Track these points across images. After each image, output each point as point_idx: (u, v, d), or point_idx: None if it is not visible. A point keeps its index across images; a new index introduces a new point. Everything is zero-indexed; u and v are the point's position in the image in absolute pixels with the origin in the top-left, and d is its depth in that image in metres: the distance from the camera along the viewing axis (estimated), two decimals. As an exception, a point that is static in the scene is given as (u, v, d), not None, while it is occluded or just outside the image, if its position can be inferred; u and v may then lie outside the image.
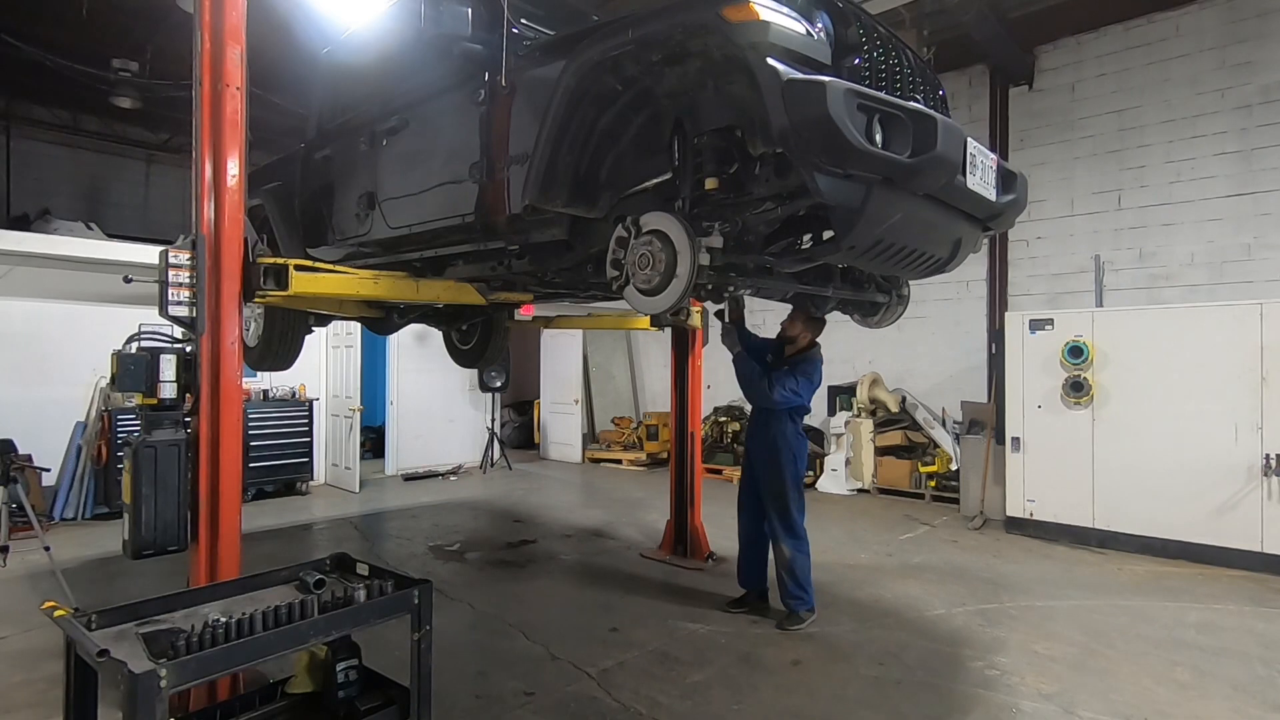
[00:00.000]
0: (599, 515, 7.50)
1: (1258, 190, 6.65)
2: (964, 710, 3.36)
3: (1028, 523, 6.50)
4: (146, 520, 2.91)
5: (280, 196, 4.43)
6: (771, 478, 4.42)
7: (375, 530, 7.00)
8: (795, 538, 4.38)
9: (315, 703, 2.54)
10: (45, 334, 7.36)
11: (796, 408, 4.43)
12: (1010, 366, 6.63)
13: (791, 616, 4.37)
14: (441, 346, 6.41)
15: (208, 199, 3.07)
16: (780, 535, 4.39)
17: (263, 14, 4.12)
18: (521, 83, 3.00)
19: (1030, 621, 4.45)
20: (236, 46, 3.08)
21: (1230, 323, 5.58)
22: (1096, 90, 7.51)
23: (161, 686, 1.81)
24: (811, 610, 4.41)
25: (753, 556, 4.66)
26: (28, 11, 7.31)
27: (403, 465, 10.00)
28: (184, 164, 6.47)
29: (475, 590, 5.09)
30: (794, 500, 4.41)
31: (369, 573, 2.67)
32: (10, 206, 9.38)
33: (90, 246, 5.78)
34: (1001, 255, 8.13)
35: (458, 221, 3.28)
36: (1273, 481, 5.36)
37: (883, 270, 3.56)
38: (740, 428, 10.06)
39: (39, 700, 3.40)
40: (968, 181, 2.57)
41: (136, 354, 3.09)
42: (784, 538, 4.38)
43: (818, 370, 4.48)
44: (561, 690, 3.56)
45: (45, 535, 4.94)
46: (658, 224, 2.64)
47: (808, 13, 2.40)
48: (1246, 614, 4.58)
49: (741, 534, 4.71)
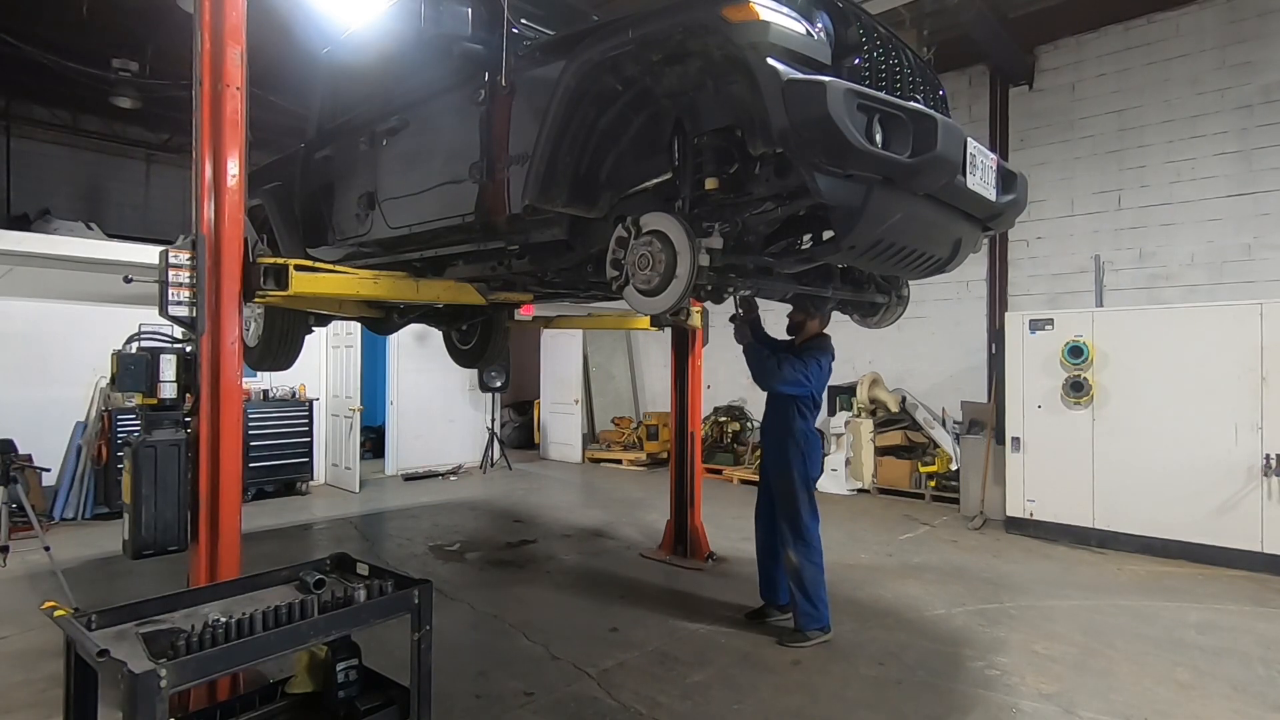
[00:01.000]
0: (599, 515, 7.50)
1: (1258, 190, 6.64)
2: (964, 710, 3.36)
3: (1028, 523, 6.50)
4: (146, 520, 2.91)
5: (280, 196, 4.43)
6: (779, 476, 4.20)
7: (375, 530, 7.00)
8: (805, 545, 4.09)
9: (315, 703, 2.54)
10: (45, 334, 7.36)
11: (806, 400, 4.19)
12: (1010, 366, 6.63)
13: (795, 633, 4.09)
14: (441, 346, 6.41)
15: (208, 199, 3.07)
16: (789, 541, 4.11)
17: (263, 14, 4.12)
18: (521, 83, 3.00)
19: (1030, 621, 4.45)
20: (236, 46, 3.08)
21: (1230, 323, 5.58)
22: (1096, 90, 7.51)
23: (161, 686, 1.81)
24: (824, 629, 4.09)
25: (771, 566, 4.42)
26: (28, 11, 7.31)
27: (403, 465, 10.00)
28: (184, 164, 6.47)
29: (475, 590, 5.09)
30: (804, 503, 4.12)
31: (369, 573, 2.67)
32: (10, 206, 9.38)
33: (90, 246, 5.78)
34: (1001, 255, 8.13)
35: (458, 221, 3.28)
36: (1273, 481, 5.36)
37: (883, 270, 3.56)
38: (740, 428, 10.06)
39: (39, 700, 3.40)
40: (968, 181, 2.57)
41: (136, 354, 3.08)
42: (792, 544, 4.10)
43: (827, 359, 4.23)
44: (561, 690, 3.56)
45: (45, 535, 4.94)
46: (658, 224, 2.64)
47: (808, 13, 2.40)
48: (1246, 614, 4.58)
49: (758, 543, 4.51)
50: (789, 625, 4.23)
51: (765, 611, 4.47)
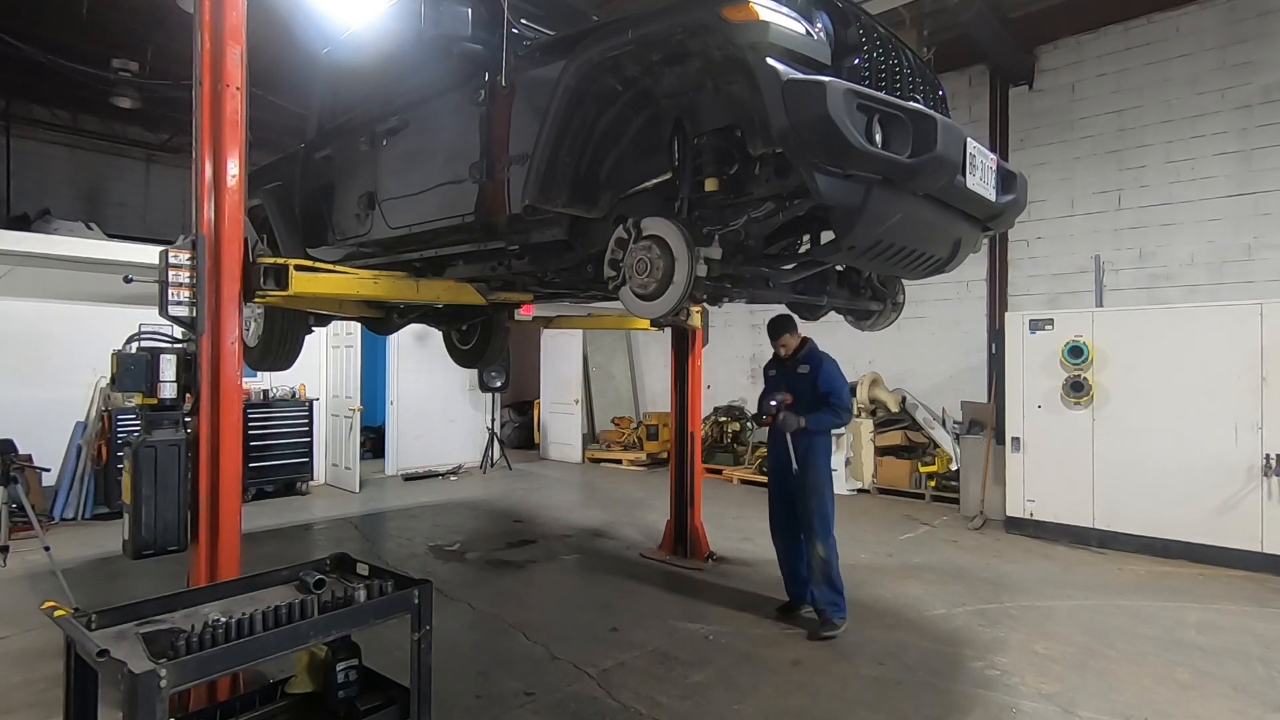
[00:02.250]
0: (599, 515, 7.49)
1: (1258, 190, 6.64)
2: (964, 710, 3.36)
3: (1028, 523, 6.50)
4: (146, 520, 2.91)
5: (280, 196, 4.43)
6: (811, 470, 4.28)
7: (375, 530, 7.00)
8: (831, 537, 4.29)
9: (315, 703, 2.54)
10: (45, 334, 7.36)
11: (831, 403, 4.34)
12: (1010, 366, 6.63)
13: (826, 624, 4.20)
14: (441, 346, 6.41)
15: (208, 199, 3.07)
16: (817, 535, 4.26)
17: (263, 14, 4.12)
18: (521, 83, 3.00)
19: (1030, 621, 4.45)
20: (236, 46, 3.08)
21: (1230, 323, 5.58)
22: (1096, 90, 7.51)
23: (161, 686, 1.81)
24: (845, 618, 4.25)
25: (796, 566, 4.49)
26: (28, 11, 7.31)
27: (403, 465, 10.00)
28: (184, 164, 6.47)
29: (475, 590, 5.09)
30: (829, 496, 4.33)
31: (369, 573, 2.67)
32: (10, 206, 9.38)
33: (90, 246, 5.80)
34: (1001, 255, 8.13)
35: (458, 221, 3.28)
36: (1273, 481, 5.36)
37: (882, 270, 3.56)
38: (740, 428, 10.05)
39: (39, 700, 3.40)
40: (967, 182, 2.57)
41: (136, 354, 3.08)
42: (821, 537, 4.26)
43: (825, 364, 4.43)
44: (562, 690, 3.56)
45: (45, 535, 4.94)
46: (658, 230, 2.63)
47: (808, 13, 2.40)
48: (1246, 614, 4.58)
49: (780, 552, 4.58)
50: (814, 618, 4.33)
51: (792, 606, 4.56)
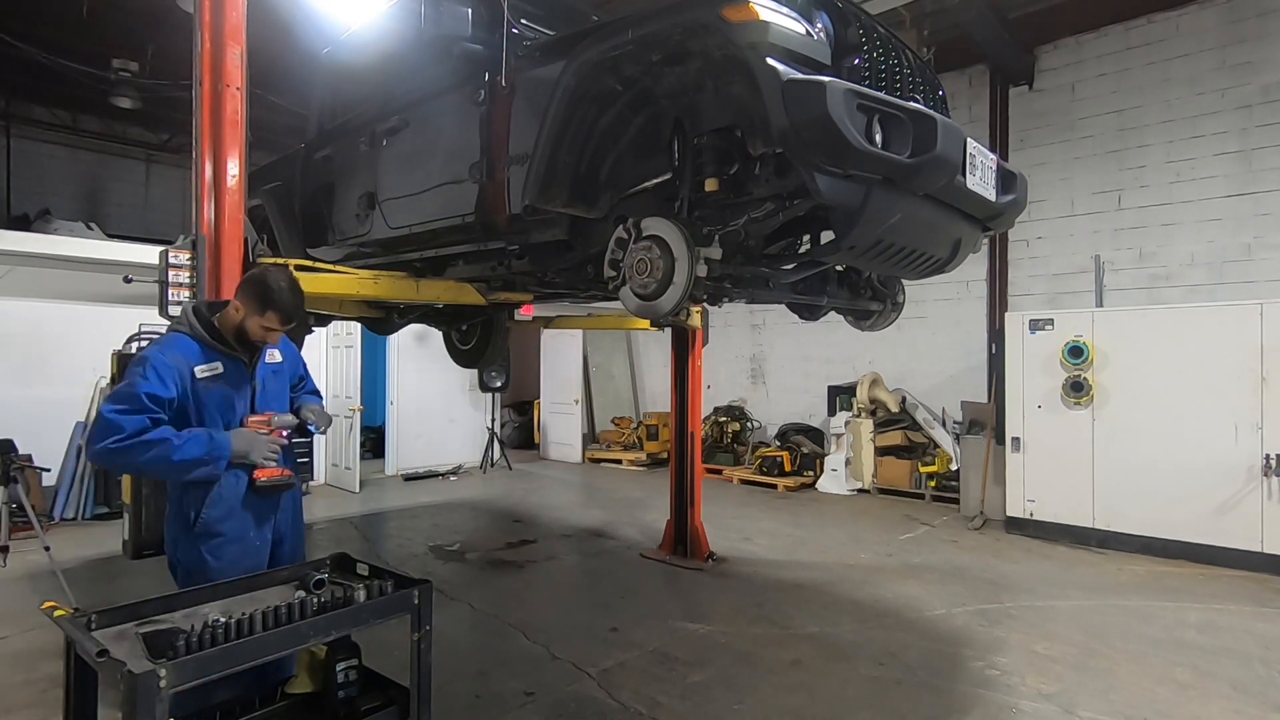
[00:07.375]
0: (599, 515, 7.49)
1: (1258, 190, 6.64)
2: (964, 710, 3.36)
3: (1028, 523, 6.50)
4: (146, 520, 2.91)
5: (280, 196, 4.43)
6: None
7: (375, 530, 7.00)
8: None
9: (315, 703, 2.54)
10: (45, 334, 7.36)
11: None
12: (1010, 366, 6.63)
13: None
14: (441, 346, 6.41)
15: (208, 199, 3.07)
16: None
17: (263, 14, 4.13)
18: (521, 83, 3.00)
19: (1030, 621, 4.45)
20: (236, 46, 3.09)
21: (1230, 323, 5.57)
22: (1096, 90, 7.50)
23: (161, 686, 1.81)
24: None
25: None
26: (28, 11, 7.32)
27: (403, 465, 10.00)
28: (184, 164, 6.48)
29: (475, 590, 5.09)
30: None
31: (369, 573, 2.66)
32: (10, 206, 9.39)
33: (90, 246, 5.80)
34: (1001, 255, 8.13)
35: (458, 221, 3.28)
36: (1273, 481, 5.36)
37: (882, 270, 3.56)
38: (740, 428, 10.05)
39: (39, 700, 3.40)
40: (968, 182, 2.57)
41: (136, 354, 3.08)
42: None
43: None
44: (562, 690, 3.56)
45: (45, 535, 4.93)
46: (658, 230, 2.63)
47: (807, 13, 2.40)
48: (1246, 614, 4.58)
49: None
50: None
51: None
